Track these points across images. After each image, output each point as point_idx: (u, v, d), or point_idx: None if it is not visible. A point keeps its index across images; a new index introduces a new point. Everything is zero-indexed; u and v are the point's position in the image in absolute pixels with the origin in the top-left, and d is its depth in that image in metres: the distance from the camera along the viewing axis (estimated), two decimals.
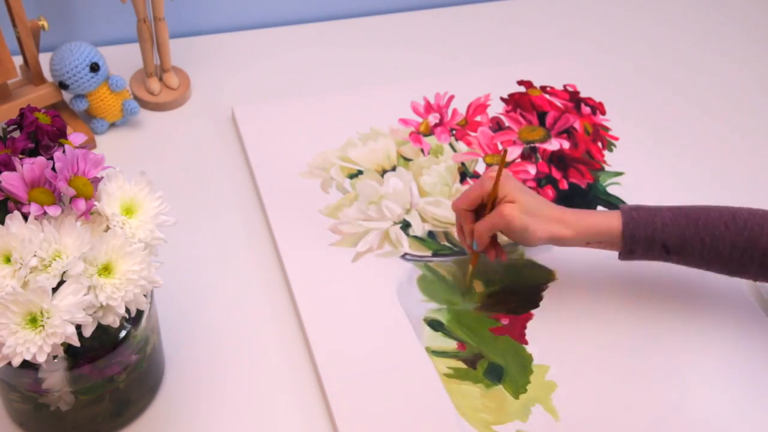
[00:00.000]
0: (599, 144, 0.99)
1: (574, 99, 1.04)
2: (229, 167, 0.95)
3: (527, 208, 0.76)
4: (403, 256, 0.85)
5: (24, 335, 0.55)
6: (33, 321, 0.56)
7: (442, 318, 0.81)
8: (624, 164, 0.97)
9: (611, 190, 0.94)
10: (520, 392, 0.76)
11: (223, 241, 0.87)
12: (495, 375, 0.77)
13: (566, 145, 0.98)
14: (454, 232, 0.88)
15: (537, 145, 0.98)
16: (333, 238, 0.86)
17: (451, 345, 0.79)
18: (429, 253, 0.86)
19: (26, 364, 0.58)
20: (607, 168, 0.97)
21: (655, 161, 0.99)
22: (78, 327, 0.58)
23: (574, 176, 0.95)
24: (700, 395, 0.77)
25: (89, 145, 0.94)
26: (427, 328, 0.80)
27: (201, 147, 0.97)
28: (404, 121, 1.00)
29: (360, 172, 0.93)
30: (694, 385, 0.78)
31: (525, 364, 0.78)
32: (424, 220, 0.89)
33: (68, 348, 0.60)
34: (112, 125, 0.98)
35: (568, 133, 1.00)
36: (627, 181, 0.95)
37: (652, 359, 0.79)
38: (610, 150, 0.99)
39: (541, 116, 1.02)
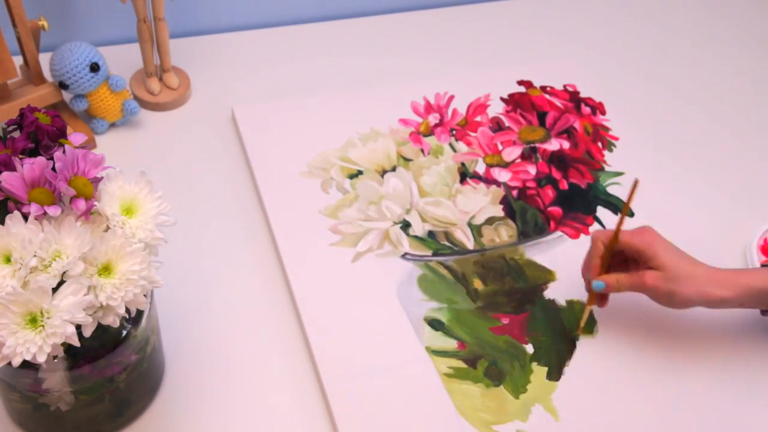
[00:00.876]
0: (599, 144, 0.99)
1: (574, 99, 1.04)
2: (229, 167, 0.95)
3: (676, 275, 0.73)
4: (404, 256, 0.85)
5: (24, 335, 0.55)
6: (33, 321, 0.56)
7: (443, 317, 0.81)
8: (624, 164, 0.97)
9: (611, 190, 0.94)
10: (520, 392, 0.76)
11: (223, 241, 0.87)
12: (495, 375, 0.77)
13: (566, 145, 0.98)
14: (453, 231, 0.88)
15: (537, 145, 0.98)
16: (333, 238, 0.86)
17: (451, 344, 0.79)
18: (429, 252, 0.86)
19: (26, 364, 0.57)
20: (607, 168, 0.96)
21: (655, 161, 0.99)
22: (78, 327, 0.57)
23: (574, 176, 0.95)
24: (700, 395, 0.77)
25: (89, 145, 0.94)
26: (428, 328, 0.80)
27: (201, 147, 0.97)
28: (404, 122, 1.00)
29: (360, 173, 0.93)
30: (694, 385, 0.77)
31: (525, 363, 0.78)
32: (424, 220, 0.89)
33: (68, 348, 0.60)
34: (112, 125, 0.98)
35: (568, 133, 1.00)
36: (627, 181, 0.95)
37: (653, 358, 0.79)
38: (610, 150, 0.99)
39: (541, 116, 1.02)
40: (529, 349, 0.79)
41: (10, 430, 0.71)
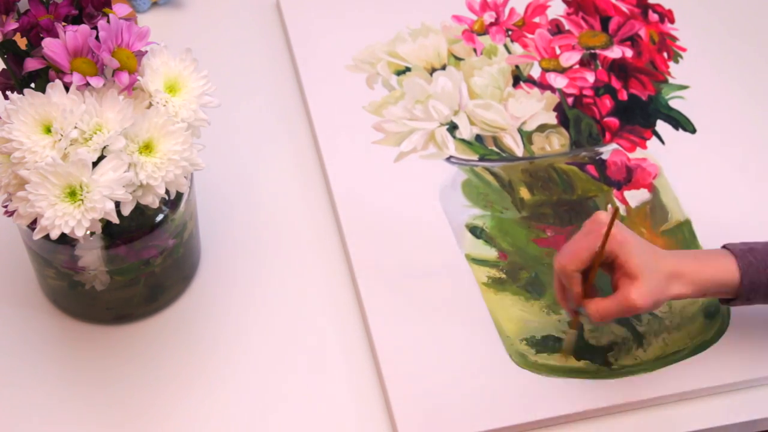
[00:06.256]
0: (665, 54, 0.94)
1: (642, 5, 0.99)
2: (272, 55, 0.91)
3: (649, 277, 0.64)
4: (448, 159, 0.82)
5: (63, 208, 0.54)
6: (72, 195, 0.54)
7: (485, 225, 0.78)
8: (690, 78, 0.91)
9: (673, 104, 0.89)
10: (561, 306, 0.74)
11: (263, 133, 0.85)
12: (536, 287, 0.75)
13: (629, 53, 0.93)
14: (502, 137, 0.85)
15: (597, 51, 0.93)
16: (376, 135, 0.84)
17: (492, 253, 0.77)
18: (475, 157, 0.83)
19: (63, 240, 0.57)
20: (671, 80, 0.92)
21: (724, 76, 0.93)
22: (117, 205, 0.56)
23: (635, 87, 0.90)
24: None
25: (132, 19, 0.91)
26: (469, 235, 0.78)
27: (243, 32, 0.93)
28: (457, 18, 0.95)
29: (408, 69, 0.89)
30: None
31: None
32: (472, 123, 0.85)
33: (105, 227, 0.59)
34: (154, 4, 0.94)
35: (632, 40, 0.95)
36: (691, 96, 0.90)
37: None
38: (676, 61, 0.94)
39: (604, 21, 0.96)
40: None
41: (44, 307, 0.71)
